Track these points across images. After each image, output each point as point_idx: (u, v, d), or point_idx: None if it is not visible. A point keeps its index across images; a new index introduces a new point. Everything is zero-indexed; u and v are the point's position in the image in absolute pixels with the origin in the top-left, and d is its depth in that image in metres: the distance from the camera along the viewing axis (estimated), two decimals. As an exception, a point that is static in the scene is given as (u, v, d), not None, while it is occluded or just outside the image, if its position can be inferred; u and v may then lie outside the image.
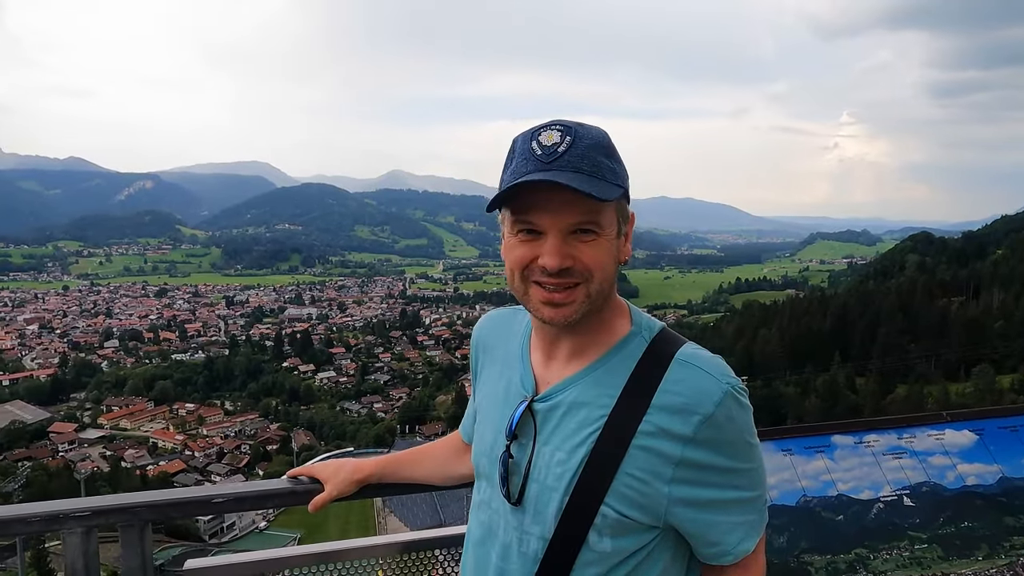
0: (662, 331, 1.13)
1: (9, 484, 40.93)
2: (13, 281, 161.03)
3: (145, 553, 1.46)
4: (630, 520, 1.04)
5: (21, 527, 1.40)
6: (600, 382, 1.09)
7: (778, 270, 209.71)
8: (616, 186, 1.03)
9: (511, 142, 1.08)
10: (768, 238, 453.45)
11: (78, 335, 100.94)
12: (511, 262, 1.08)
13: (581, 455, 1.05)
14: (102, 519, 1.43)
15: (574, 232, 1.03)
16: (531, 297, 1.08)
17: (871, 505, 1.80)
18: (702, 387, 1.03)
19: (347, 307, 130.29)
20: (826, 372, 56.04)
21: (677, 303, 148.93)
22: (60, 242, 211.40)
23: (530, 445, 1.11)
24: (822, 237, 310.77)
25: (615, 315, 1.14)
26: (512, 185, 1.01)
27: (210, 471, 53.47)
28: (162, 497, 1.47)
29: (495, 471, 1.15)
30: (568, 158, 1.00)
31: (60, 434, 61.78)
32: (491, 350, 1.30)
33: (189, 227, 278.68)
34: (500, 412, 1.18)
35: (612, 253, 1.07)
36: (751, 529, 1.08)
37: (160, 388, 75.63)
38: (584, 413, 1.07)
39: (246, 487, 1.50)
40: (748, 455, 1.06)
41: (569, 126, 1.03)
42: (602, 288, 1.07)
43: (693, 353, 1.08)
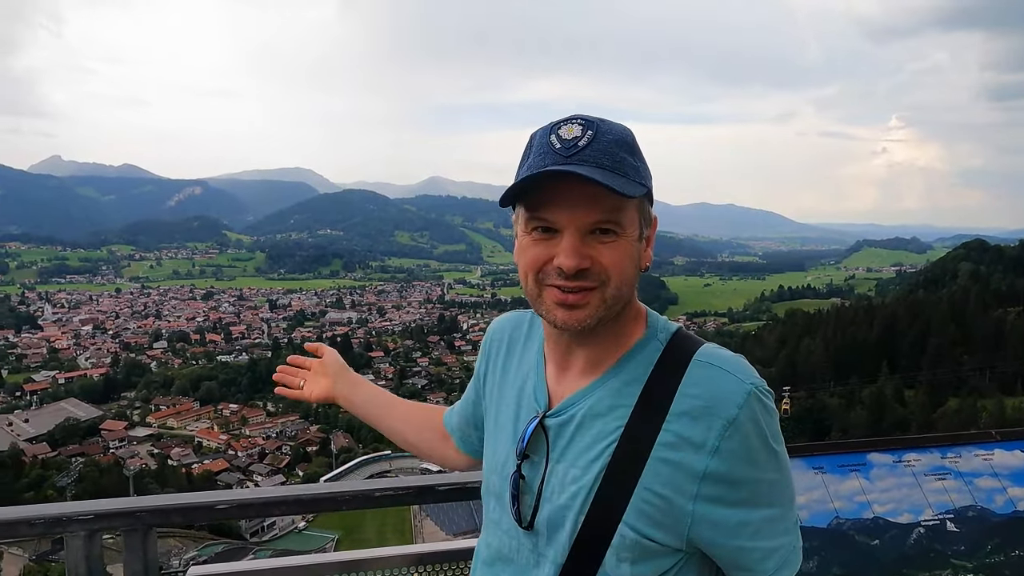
0: (679, 332, 1.06)
1: (63, 479, 42.43)
2: (70, 283, 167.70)
3: (148, 558, 1.45)
4: (651, 542, 0.96)
5: (26, 529, 1.41)
6: (615, 392, 1.01)
7: (823, 278, 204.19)
8: (639, 184, 0.96)
9: (529, 137, 1.02)
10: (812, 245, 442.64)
11: (129, 336, 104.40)
12: (524, 263, 1.00)
13: (596, 471, 0.97)
14: (105, 523, 1.43)
15: (593, 232, 0.96)
16: (544, 300, 1.00)
17: (911, 529, 1.67)
18: (724, 388, 0.95)
19: (386, 311, 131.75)
20: (873, 384, 54.35)
21: (717, 311, 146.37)
22: (114, 246, 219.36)
23: (543, 464, 1.04)
24: (869, 244, 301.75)
25: (631, 321, 1.06)
26: (527, 177, 0.94)
27: (252, 471, 54.61)
28: (165, 502, 1.47)
29: (506, 491, 1.08)
30: (589, 152, 0.93)
31: (111, 431, 63.94)
32: (506, 351, 1.23)
33: (235, 232, 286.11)
34: (512, 427, 1.11)
35: (633, 257, 0.99)
36: (789, 554, 0.99)
37: (205, 388, 77.63)
38: (599, 426, 1.00)
39: (250, 494, 1.48)
40: (775, 464, 0.97)
41: (591, 120, 0.97)
42: (620, 294, 0.98)
43: (713, 352, 1.00)
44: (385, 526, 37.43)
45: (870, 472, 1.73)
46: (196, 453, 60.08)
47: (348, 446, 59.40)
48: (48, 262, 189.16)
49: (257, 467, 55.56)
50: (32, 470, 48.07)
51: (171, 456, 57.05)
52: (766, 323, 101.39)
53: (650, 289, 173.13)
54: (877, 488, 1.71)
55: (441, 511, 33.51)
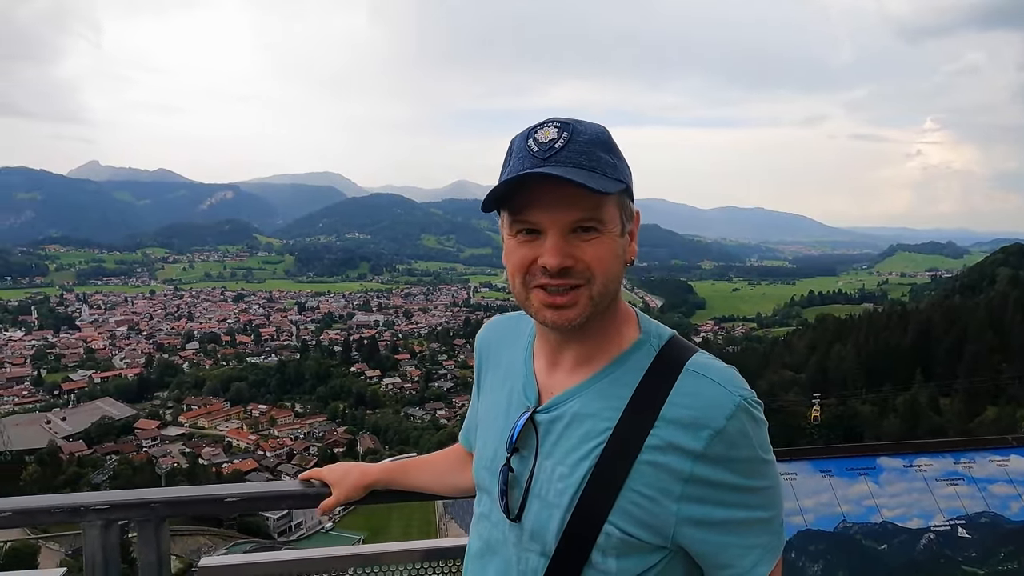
0: (672, 339, 1.07)
1: (98, 476, 43.55)
2: (106, 285, 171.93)
3: (161, 548, 1.48)
4: (636, 540, 0.98)
5: (45, 517, 1.46)
6: (605, 393, 1.03)
7: (854, 283, 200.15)
8: (616, 180, 0.99)
9: (509, 143, 1.05)
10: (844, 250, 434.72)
11: (162, 337, 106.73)
12: (511, 266, 1.03)
13: (584, 470, 1.00)
14: (120, 513, 1.46)
15: (575, 231, 0.99)
16: (532, 302, 1.03)
17: (920, 535, 1.64)
18: (713, 399, 0.97)
19: (413, 314, 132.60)
20: (906, 391, 53.07)
21: (746, 316, 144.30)
22: (148, 249, 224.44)
23: (532, 458, 1.06)
24: (903, 249, 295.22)
25: (622, 322, 1.09)
26: (507, 182, 0.97)
27: (280, 471, 55.29)
28: (177, 494, 1.50)
29: (495, 484, 1.10)
30: (566, 154, 0.96)
31: (144, 430, 65.40)
32: (494, 356, 1.25)
33: (265, 235, 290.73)
34: (502, 423, 1.13)
35: (616, 252, 1.02)
36: (767, 552, 1.01)
37: (236, 389, 78.93)
38: (588, 425, 1.02)
39: (259, 488, 1.52)
40: (762, 473, 0.99)
41: (566, 122, 1.00)
42: (606, 289, 1.01)
43: (705, 363, 1.02)
44: (411, 527, 37.59)
45: (880, 476, 1.71)
46: (226, 453, 61.11)
47: (374, 447, 59.86)
48: (86, 264, 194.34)
49: (285, 467, 56.24)
50: (69, 467, 49.41)
51: (202, 455, 58.11)
52: (796, 328, 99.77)
53: (678, 293, 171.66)
54: (886, 492, 1.68)
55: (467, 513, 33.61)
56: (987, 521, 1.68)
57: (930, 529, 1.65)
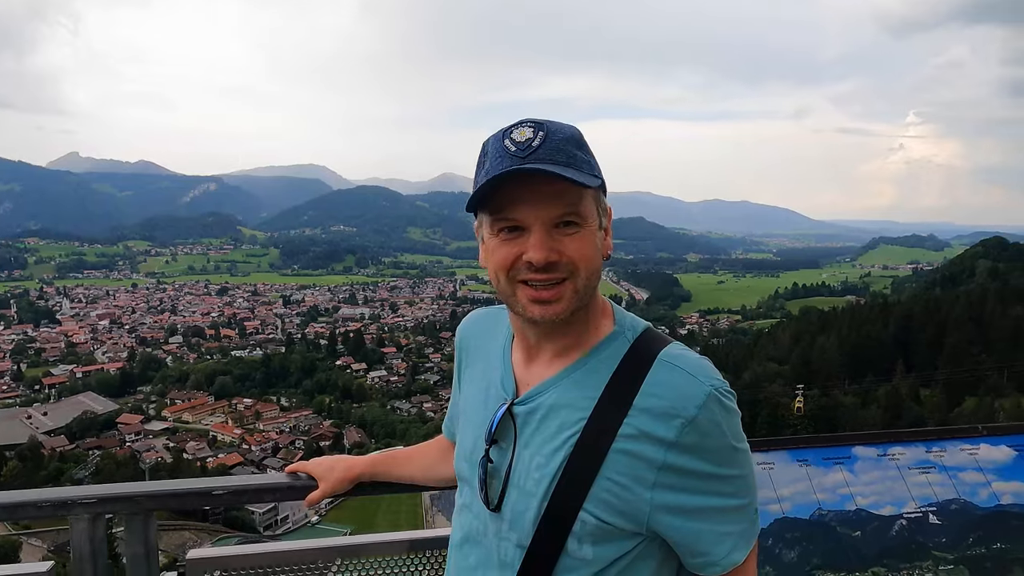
0: (646, 331, 1.10)
1: (80, 471, 43.15)
2: (87, 278, 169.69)
3: (149, 541, 1.49)
4: (611, 526, 1.01)
5: (33, 511, 1.46)
6: (580, 384, 1.06)
7: (838, 275, 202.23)
8: (593, 176, 1.03)
9: (482, 145, 1.07)
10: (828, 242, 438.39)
11: (145, 331, 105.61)
12: (495, 263, 1.05)
13: (560, 460, 1.02)
14: (108, 507, 1.47)
15: (557, 226, 1.01)
16: (519, 298, 1.05)
17: (893, 521, 1.69)
18: (684, 389, 1.00)
19: (399, 307, 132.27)
20: (888, 382, 53.83)
21: (731, 308, 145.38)
22: (130, 242, 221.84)
23: (510, 449, 1.09)
24: (885, 242, 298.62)
25: (598, 314, 1.12)
26: (495, 178, 0.99)
27: (266, 465, 55.05)
28: (164, 488, 1.51)
29: (475, 475, 1.13)
30: (543, 151, 0.99)
31: (127, 425, 64.82)
32: (474, 350, 1.29)
33: (249, 228, 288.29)
34: (481, 415, 1.16)
35: (596, 245, 1.05)
36: (741, 539, 1.03)
37: (220, 383, 78.40)
38: (563, 416, 1.05)
39: (246, 480, 1.53)
40: (734, 461, 1.02)
41: (540, 122, 1.03)
42: (589, 282, 1.04)
43: (677, 354, 1.05)
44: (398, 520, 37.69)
45: (854, 465, 1.75)
46: (211, 447, 60.74)
47: (360, 441, 59.81)
48: (66, 257, 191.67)
49: (271, 461, 56.04)
50: (51, 462, 48.92)
51: (186, 450, 57.72)
52: (780, 321, 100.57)
53: (664, 286, 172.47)
54: (861, 481, 1.73)
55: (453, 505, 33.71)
56: (957, 508, 1.73)
57: (902, 516, 1.70)
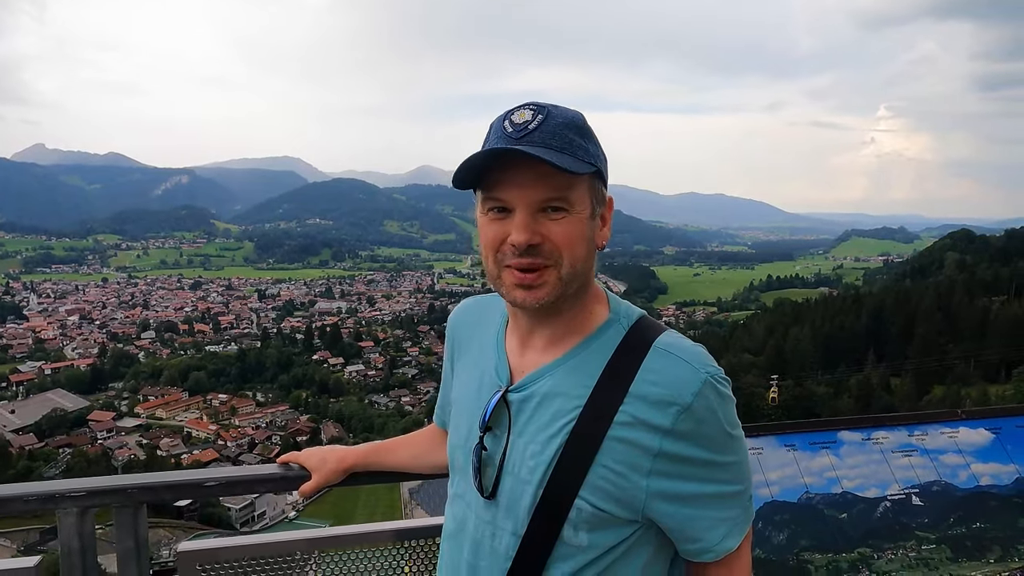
0: (641, 319, 1.10)
1: (50, 470, 42.32)
2: (55, 273, 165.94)
3: (139, 534, 1.47)
4: (606, 514, 1.01)
5: (19, 505, 1.43)
6: (575, 371, 1.05)
7: (811, 268, 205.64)
8: (586, 163, 1.01)
9: (489, 126, 1.07)
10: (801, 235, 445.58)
11: (116, 326, 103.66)
12: (484, 241, 1.05)
13: (555, 447, 1.02)
14: (97, 500, 1.44)
15: (544, 210, 1.00)
16: (504, 281, 1.05)
17: (877, 503, 1.74)
18: (680, 376, 0.99)
19: (376, 301, 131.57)
20: (860, 372, 54.96)
21: (706, 300, 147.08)
22: (100, 235, 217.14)
23: (504, 437, 1.08)
24: (857, 234, 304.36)
25: (593, 302, 1.11)
26: (475, 156, 0.99)
27: (242, 461, 54.49)
28: (155, 479, 1.49)
29: (469, 463, 1.12)
30: (538, 135, 0.99)
31: (99, 422, 63.62)
32: (466, 339, 1.27)
33: (223, 221, 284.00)
34: (475, 403, 1.15)
35: (584, 233, 1.03)
36: (735, 526, 1.04)
37: (194, 379, 77.31)
38: (558, 403, 1.04)
39: (237, 471, 1.52)
40: (730, 448, 1.02)
41: (543, 105, 1.02)
42: (574, 270, 1.03)
43: (672, 342, 1.04)
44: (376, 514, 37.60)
45: (840, 449, 1.79)
46: (185, 443, 59.96)
47: (338, 435, 59.43)
48: (33, 251, 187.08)
49: (247, 457, 55.49)
50: (19, 461, 47.78)
51: (160, 446, 56.93)
52: (755, 312, 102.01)
53: (641, 278, 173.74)
54: (846, 464, 1.77)
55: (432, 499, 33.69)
56: (939, 490, 1.78)
57: (886, 498, 1.75)
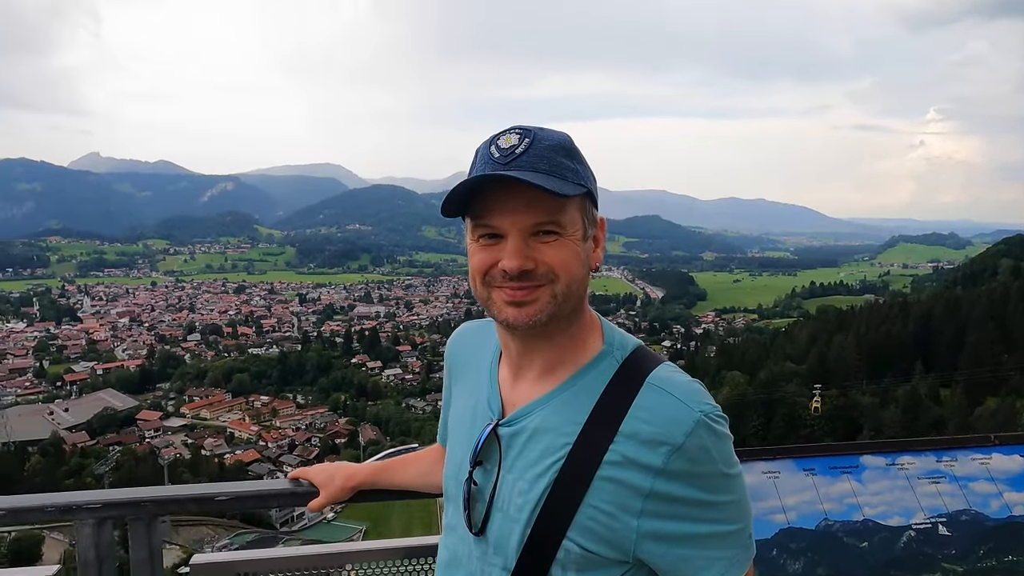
0: (635, 351, 1.06)
1: (101, 467, 43.69)
2: (108, 277, 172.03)
3: (152, 546, 1.51)
4: (595, 555, 0.98)
5: (38, 515, 1.48)
6: (566, 406, 1.02)
7: (856, 274, 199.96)
8: (576, 184, 0.99)
9: (474, 152, 1.05)
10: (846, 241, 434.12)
11: (164, 328, 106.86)
12: (472, 268, 1.04)
13: (543, 486, 0.99)
14: (112, 511, 1.48)
15: (536, 234, 0.99)
16: (494, 300, 1.03)
17: (901, 532, 1.66)
18: (672, 415, 0.96)
19: (413, 306, 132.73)
20: (907, 383, 53.15)
21: (747, 307, 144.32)
22: (150, 240, 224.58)
23: (495, 472, 1.06)
24: (905, 240, 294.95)
25: (586, 331, 1.08)
26: (464, 184, 0.97)
27: (282, 462, 55.45)
28: (168, 493, 1.53)
29: (460, 496, 1.10)
30: (526, 159, 0.97)
31: (147, 421, 65.56)
32: (462, 365, 1.25)
33: (266, 227, 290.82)
34: (467, 434, 1.13)
35: (578, 255, 1.01)
36: (731, 565, 0.98)
37: (237, 380, 79.03)
38: (548, 440, 1.01)
39: (248, 486, 1.54)
40: (725, 487, 0.98)
41: (528, 129, 1.01)
42: (569, 290, 1.00)
43: (666, 377, 1.01)
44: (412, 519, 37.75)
45: (862, 474, 1.73)
46: (228, 444, 61.31)
47: (375, 438, 60.04)
48: (87, 256, 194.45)
49: (287, 458, 56.39)
50: (72, 458, 49.60)
51: (204, 446, 58.29)
52: (797, 320, 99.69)
53: (679, 285, 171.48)
54: (868, 491, 1.71)
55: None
56: (968, 519, 1.70)
57: (911, 527, 1.67)
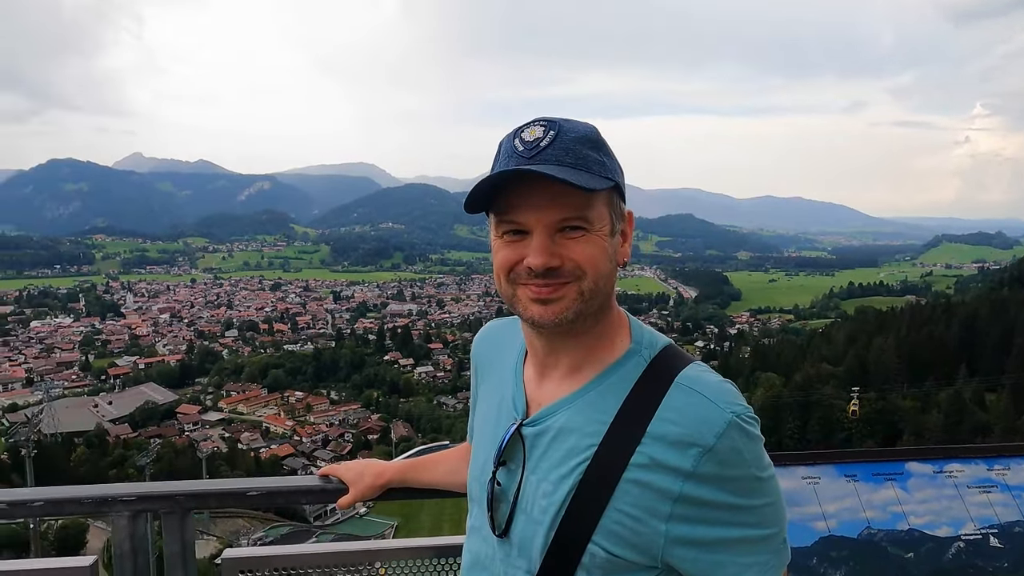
0: (665, 349, 1.03)
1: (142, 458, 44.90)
2: (149, 274, 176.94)
3: (186, 539, 1.52)
4: (622, 560, 0.95)
5: (75, 507, 1.50)
6: (592, 406, 0.99)
7: (897, 274, 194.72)
8: (604, 178, 0.96)
9: (497, 145, 1.02)
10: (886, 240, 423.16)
11: (203, 324, 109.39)
12: (496, 265, 1.01)
13: (567, 488, 0.96)
14: (147, 504, 1.50)
15: (562, 230, 0.96)
16: (519, 298, 1.00)
17: (949, 543, 1.59)
18: (702, 415, 0.92)
19: (445, 304, 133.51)
20: (950, 386, 51.54)
21: (782, 307, 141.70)
22: (189, 238, 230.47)
23: (519, 472, 1.03)
24: (948, 239, 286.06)
25: (614, 328, 1.05)
26: (488, 180, 0.94)
27: (316, 456, 56.30)
28: (201, 487, 1.54)
29: (484, 497, 1.08)
30: (551, 152, 0.94)
31: (186, 415, 67.28)
32: (488, 364, 1.23)
33: (301, 225, 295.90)
34: (492, 434, 1.11)
35: (606, 251, 0.98)
36: (764, 571, 0.94)
37: (273, 376, 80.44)
38: (573, 440, 0.98)
39: (279, 482, 1.55)
40: (758, 491, 0.94)
41: (553, 120, 0.97)
42: (596, 287, 0.97)
43: (696, 376, 0.97)
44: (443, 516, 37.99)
45: (907, 482, 1.66)
46: (264, 438, 62.46)
47: (407, 435, 60.57)
48: (130, 253, 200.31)
49: (321, 453, 57.24)
50: (115, 449, 51.18)
51: (240, 440, 59.51)
52: (834, 320, 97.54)
53: (713, 284, 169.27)
54: (914, 499, 1.63)
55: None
56: (1021, 531, 1.62)
57: (960, 538, 1.60)
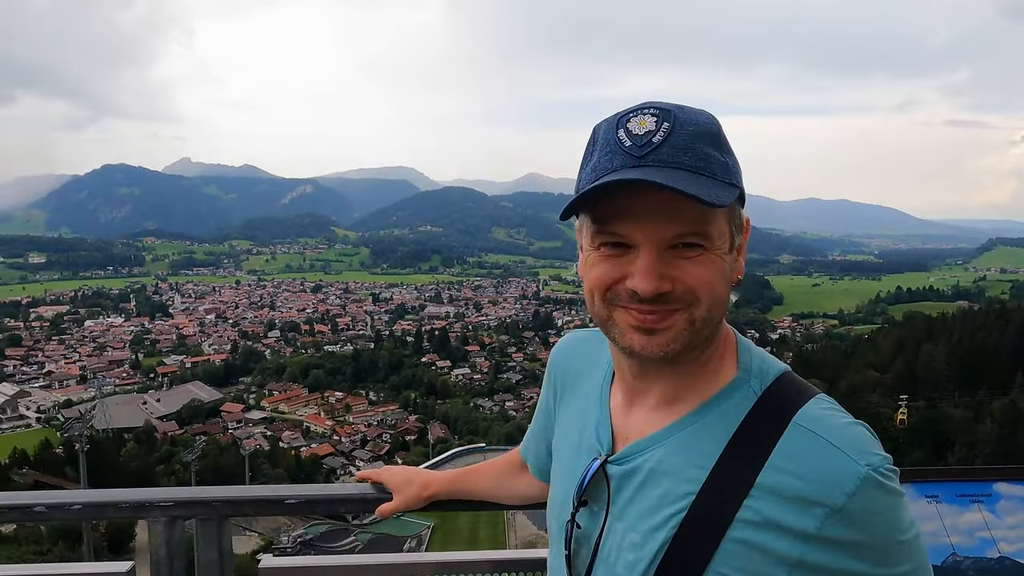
0: (779, 379, 0.85)
1: (188, 455, 46.12)
2: (196, 276, 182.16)
3: (222, 546, 1.49)
4: None
5: (113, 511, 1.49)
6: (690, 445, 0.83)
7: (947, 279, 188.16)
8: (730, 186, 0.79)
9: (592, 130, 0.85)
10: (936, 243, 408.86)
11: (247, 325, 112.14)
12: (590, 282, 0.84)
13: (659, 541, 0.81)
14: (184, 510, 1.48)
15: (675, 246, 0.79)
16: (616, 322, 0.84)
17: (1044, 573, 1.44)
18: (829, 468, 0.74)
19: (483, 307, 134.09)
20: (1006, 396, 49.50)
21: (827, 312, 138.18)
22: (234, 241, 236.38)
23: (602, 515, 0.88)
24: (1003, 243, 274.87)
25: (719, 354, 0.88)
26: (591, 190, 0.78)
27: (355, 456, 57.08)
28: (238, 494, 1.51)
29: (562, 537, 0.93)
30: (666, 151, 0.77)
31: (230, 413, 69.02)
32: (572, 381, 1.08)
33: (342, 228, 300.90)
34: (571, 465, 0.96)
35: (724, 272, 0.81)
36: None
37: (314, 376, 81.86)
38: (667, 485, 0.83)
39: (317, 490, 1.51)
40: (898, 556, 0.76)
41: (666, 109, 0.79)
42: (711, 315, 0.81)
43: (819, 417, 0.79)
44: (479, 518, 38.04)
45: (997, 504, 1.50)
46: (304, 437, 63.61)
47: (444, 437, 60.92)
48: (178, 255, 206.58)
49: (359, 453, 57.99)
50: (162, 446, 52.79)
51: (282, 439, 60.70)
52: (881, 326, 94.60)
53: (754, 288, 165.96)
54: (1005, 524, 1.48)
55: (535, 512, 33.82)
56: None
57: (1057, 567, 1.45)
